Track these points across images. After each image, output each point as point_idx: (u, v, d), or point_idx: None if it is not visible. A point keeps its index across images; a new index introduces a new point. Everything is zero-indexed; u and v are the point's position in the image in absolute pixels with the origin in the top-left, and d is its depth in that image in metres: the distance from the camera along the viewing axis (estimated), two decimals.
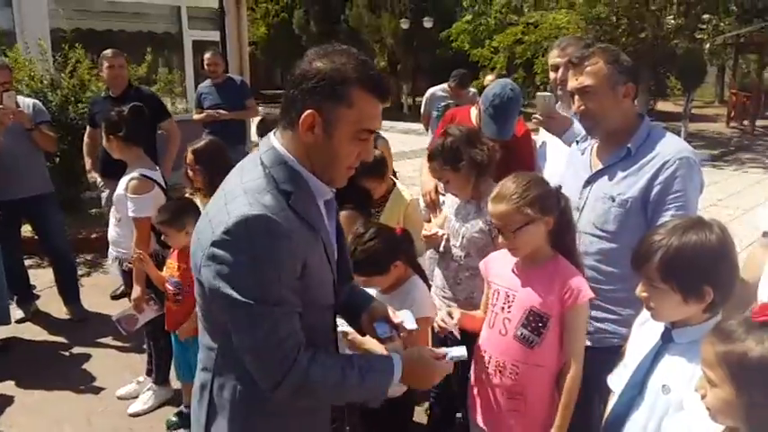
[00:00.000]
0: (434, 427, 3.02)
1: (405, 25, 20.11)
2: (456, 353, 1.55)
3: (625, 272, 1.76)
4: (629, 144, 2.07)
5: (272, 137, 1.40)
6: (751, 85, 19.51)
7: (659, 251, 1.47)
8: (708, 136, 15.79)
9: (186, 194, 3.37)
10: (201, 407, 1.46)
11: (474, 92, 7.17)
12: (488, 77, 8.16)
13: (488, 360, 2.00)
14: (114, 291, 4.78)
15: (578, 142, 2.33)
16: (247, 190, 1.31)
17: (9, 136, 3.98)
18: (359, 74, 1.30)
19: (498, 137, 2.75)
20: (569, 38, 3.25)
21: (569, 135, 2.58)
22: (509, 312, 1.96)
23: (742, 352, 1.16)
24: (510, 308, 1.96)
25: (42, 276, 4.94)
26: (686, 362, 1.47)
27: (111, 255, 3.42)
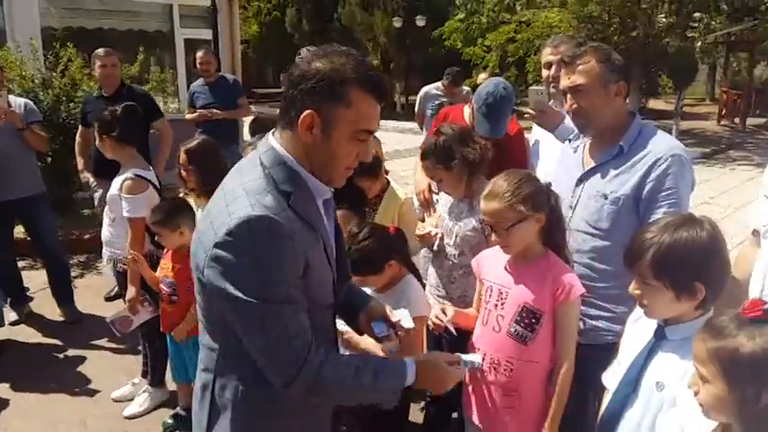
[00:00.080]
0: (430, 426, 3.02)
1: (397, 24, 20.12)
2: (470, 359, 1.55)
3: (618, 269, 1.77)
4: (621, 142, 2.08)
5: (270, 137, 1.40)
6: (742, 83, 19.63)
7: (651, 248, 1.48)
8: (699, 134, 15.85)
9: (180, 194, 3.35)
10: (203, 407, 1.46)
11: (468, 90, 7.20)
12: (482, 76, 8.21)
13: (482, 357, 2.00)
14: (108, 292, 4.74)
15: (570, 140, 2.34)
16: (248, 190, 1.31)
17: (0, 136, 3.95)
18: (357, 74, 1.31)
19: (491, 135, 2.76)
20: (562, 36, 3.28)
21: (561, 130, 2.58)
22: (502, 309, 1.98)
23: (733, 348, 1.17)
24: (503, 305, 1.98)
25: (36, 278, 4.91)
26: (679, 358, 1.48)
27: (105, 255, 3.40)
